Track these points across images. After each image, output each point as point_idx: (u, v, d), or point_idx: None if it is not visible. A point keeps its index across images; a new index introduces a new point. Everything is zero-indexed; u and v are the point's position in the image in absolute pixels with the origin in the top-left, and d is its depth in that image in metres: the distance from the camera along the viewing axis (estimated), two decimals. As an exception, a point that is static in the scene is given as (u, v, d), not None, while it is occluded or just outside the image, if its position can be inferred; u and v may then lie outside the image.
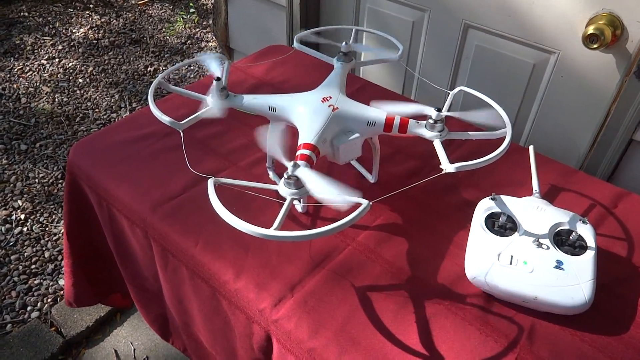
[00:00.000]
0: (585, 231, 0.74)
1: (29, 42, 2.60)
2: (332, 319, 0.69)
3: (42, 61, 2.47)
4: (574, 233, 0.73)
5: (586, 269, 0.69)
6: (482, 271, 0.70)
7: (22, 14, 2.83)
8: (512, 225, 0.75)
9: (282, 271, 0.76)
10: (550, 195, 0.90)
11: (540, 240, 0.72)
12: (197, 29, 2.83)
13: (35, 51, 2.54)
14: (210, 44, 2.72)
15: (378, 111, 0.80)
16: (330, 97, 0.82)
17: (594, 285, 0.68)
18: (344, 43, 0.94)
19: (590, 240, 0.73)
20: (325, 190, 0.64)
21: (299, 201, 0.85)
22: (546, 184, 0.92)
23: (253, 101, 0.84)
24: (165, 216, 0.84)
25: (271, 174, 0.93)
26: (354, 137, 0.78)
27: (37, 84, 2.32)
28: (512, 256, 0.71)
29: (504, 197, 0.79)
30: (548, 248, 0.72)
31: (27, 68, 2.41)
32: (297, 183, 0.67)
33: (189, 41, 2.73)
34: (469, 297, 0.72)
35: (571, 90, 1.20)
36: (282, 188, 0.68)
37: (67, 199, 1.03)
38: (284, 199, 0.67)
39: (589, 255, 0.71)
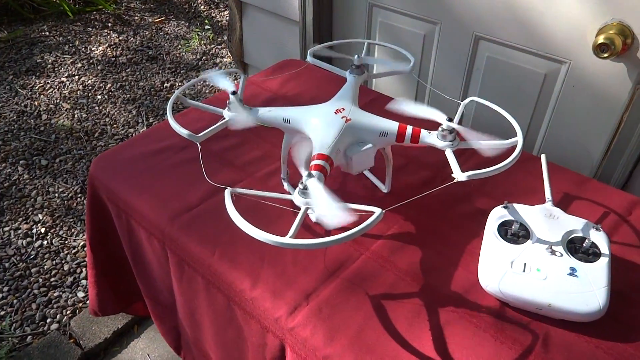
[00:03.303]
0: (599, 238, 0.74)
1: (50, 61, 2.67)
2: (347, 326, 0.70)
3: (62, 79, 2.54)
4: (587, 240, 0.73)
5: (600, 275, 0.69)
6: (495, 279, 0.71)
7: (43, 33, 2.92)
8: (524, 233, 0.75)
9: (297, 280, 0.77)
10: (564, 203, 0.90)
11: (554, 248, 0.73)
12: (212, 45, 2.89)
13: (56, 69, 2.61)
14: (225, 59, 2.77)
15: (390, 122, 0.81)
16: (343, 109, 0.84)
17: (608, 292, 0.68)
18: (356, 56, 0.96)
19: (604, 247, 0.73)
20: (327, 205, 0.65)
21: (314, 211, 0.86)
22: (559, 192, 0.92)
23: (268, 114, 0.86)
24: (182, 227, 0.86)
25: (286, 185, 0.95)
26: (366, 148, 0.80)
27: (58, 100, 2.38)
28: (525, 264, 0.71)
29: (517, 205, 0.80)
30: (561, 255, 0.72)
31: (48, 85, 2.48)
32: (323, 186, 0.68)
33: (204, 57, 2.78)
34: (482, 304, 0.73)
35: (583, 100, 1.21)
36: (297, 197, 0.69)
37: (89, 211, 1.05)
38: (299, 209, 0.69)
39: (603, 262, 0.71)
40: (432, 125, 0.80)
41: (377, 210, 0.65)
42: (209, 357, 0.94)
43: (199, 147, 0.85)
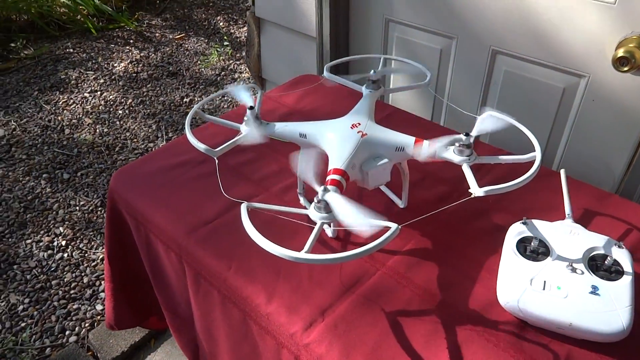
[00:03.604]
0: (622, 256, 0.72)
1: (73, 77, 2.74)
2: (362, 343, 0.70)
3: (85, 94, 2.60)
4: (609, 257, 0.71)
5: (623, 294, 0.68)
6: (514, 297, 0.70)
7: (67, 50, 3.00)
8: (544, 249, 0.74)
9: (313, 295, 0.77)
10: (584, 219, 0.88)
11: (574, 265, 0.71)
12: (231, 61, 2.94)
13: (79, 85, 2.67)
14: (243, 74, 2.81)
15: (407, 137, 0.81)
16: (359, 124, 0.84)
17: (632, 311, 0.66)
18: (372, 71, 0.96)
19: (627, 265, 0.71)
20: (352, 215, 0.65)
21: (330, 226, 0.86)
22: (580, 208, 0.90)
23: (284, 128, 0.86)
24: (199, 240, 0.87)
25: (302, 200, 0.95)
26: (382, 163, 0.80)
27: (80, 115, 2.44)
28: (545, 281, 0.70)
29: (536, 222, 0.78)
30: (582, 273, 0.70)
31: (71, 101, 2.54)
32: (327, 207, 0.68)
33: (222, 73, 2.82)
34: (501, 323, 0.71)
35: (603, 114, 1.19)
36: (313, 212, 0.69)
37: (108, 224, 1.07)
38: (315, 223, 0.69)
39: (626, 281, 0.69)
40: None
41: (393, 226, 0.64)
42: (225, 372, 0.93)
43: (216, 161, 0.86)
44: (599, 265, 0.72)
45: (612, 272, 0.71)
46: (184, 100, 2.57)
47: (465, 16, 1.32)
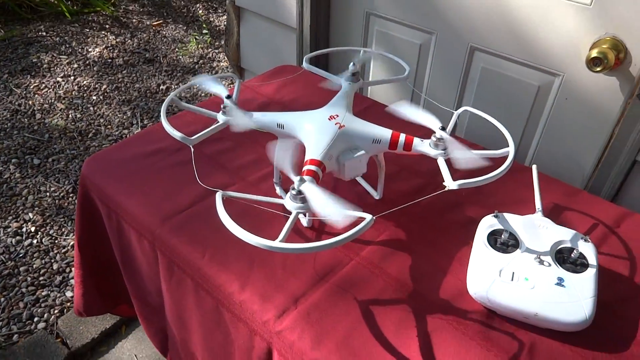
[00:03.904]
0: (587, 249, 0.74)
1: (46, 61, 2.67)
2: (334, 331, 0.70)
3: (58, 79, 2.53)
4: (575, 251, 0.74)
5: (587, 286, 0.70)
6: (483, 287, 0.71)
7: (40, 33, 2.92)
8: (514, 242, 0.76)
9: (286, 284, 0.77)
10: (554, 214, 0.91)
11: (542, 258, 0.73)
12: (210, 49, 2.90)
13: (52, 69, 2.61)
14: (222, 63, 2.78)
15: (384, 129, 0.82)
16: (337, 115, 0.85)
17: (594, 302, 0.69)
18: (351, 63, 0.97)
19: (592, 258, 0.73)
20: (327, 206, 0.66)
21: (305, 215, 0.87)
22: (550, 203, 0.93)
23: (262, 118, 0.86)
24: (173, 228, 0.86)
25: (278, 189, 0.95)
26: (359, 154, 0.80)
27: (52, 100, 2.38)
28: (513, 273, 0.72)
29: (507, 215, 0.80)
30: (549, 265, 0.72)
31: (43, 85, 2.48)
32: (303, 197, 0.69)
33: (201, 61, 2.79)
34: (470, 312, 0.73)
35: (575, 112, 1.22)
36: (288, 202, 0.70)
37: (79, 211, 1.05)
38: (290, 213, 0.69)
39: (590, 273, 0.72)
40: (425, 134, 0.80)
41: (368, 217, 0.65)
42: (196, 359, 0.93)
43: (192, 149, 0.85)
44: (566, 258, 0.74)
45: (577, 264, 0.73)
46: (161, 87, 2.53)
47: (445, 12, 1.34)
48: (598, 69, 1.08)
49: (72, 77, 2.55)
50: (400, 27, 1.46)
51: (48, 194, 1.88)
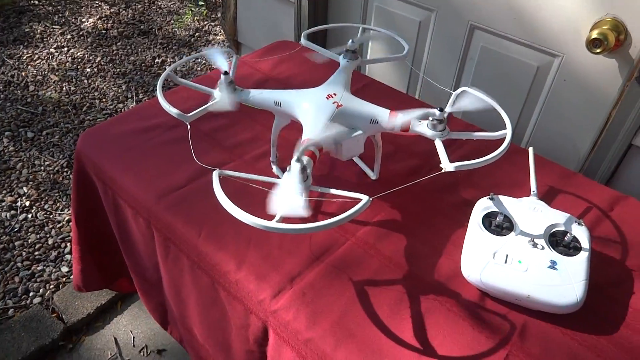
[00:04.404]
0: (580, 233, 0.75)
1: (39, 31, 2.62)
2: (329, 311, 0.71)
3: (51, 50, 2.49)
4: (568, 234, 0.74)
5: (579, 269, 0.71)
6: (477, 269, 0.72)
7: (32, 2, 2.85)
8: (508, 225, 0.76)
9: (282, 264, 0.77)
10: (548, 196, 0.91)
11: (536, 241, 0.74)
12: (206, 22, 2.85)
13: (45, 39, 2.56)
14: (218, 37, 2.74)
15: (381, 109, 0.81)
16: (335, 94, 0.84)
17: (586, 285, 0.70)
18: (350, 41, 0.95)
19: (585, 242, 0.74)
20: (292, 198, 0.65)
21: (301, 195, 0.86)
22: (545, 185, 0.93)
23: (259, 96, 0.85)
24: (169, 206, 0.86)
25: (275, 168, 0.95)
26: (356, 134, 0.80)
27: (46, 72, 2.34)
28: (507, 255, 0.72)
29: (502, 197, 0.81)
30: (543, 248, 0.73)
31: (36, 56, 2.44)
32: (300, 176, 0.68)
33: (197, 34, 2.74)
34: (463, 294, 0.74)
35: (573, 94, 1.21)
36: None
37: (75, 186, 1.05)
38: (286, 193, 0.69)
39: (583, 256, 0.72)
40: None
41: (365, 198, 0.65)
42: (194, 334, 0.94)
43: (189, 127, 0.84)
44: (559, 241, 0.75)
45: (570, 248, 0.74)
46: (156, 60, 2.50)
47: (445, -11, 1.31)
48: (598, 50, 1.07)
49: (66, 48, 2.51)
50: (400, 3, 1.43)
51: (42, 168, 1.87)
